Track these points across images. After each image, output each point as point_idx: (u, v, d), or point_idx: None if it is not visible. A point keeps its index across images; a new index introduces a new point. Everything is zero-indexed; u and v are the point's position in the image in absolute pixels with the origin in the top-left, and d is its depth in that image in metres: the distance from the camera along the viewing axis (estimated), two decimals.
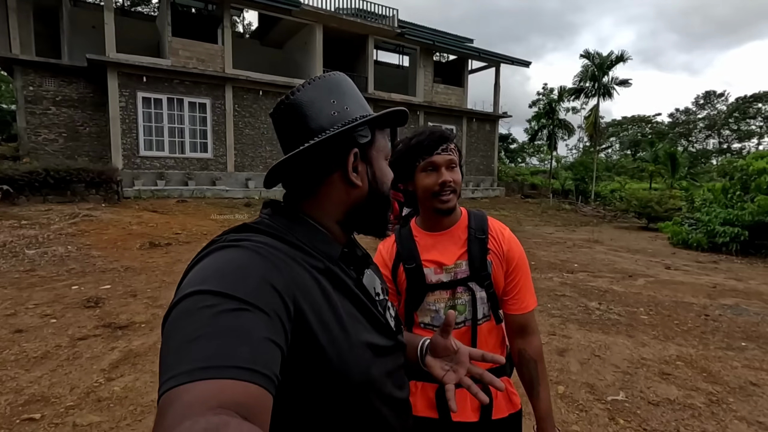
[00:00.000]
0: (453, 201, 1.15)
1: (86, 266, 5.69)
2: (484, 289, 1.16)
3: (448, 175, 1.13)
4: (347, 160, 0.66)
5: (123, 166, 12.38)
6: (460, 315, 1.15)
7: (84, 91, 13.38)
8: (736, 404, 2.79)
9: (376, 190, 0.70)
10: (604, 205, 19.67)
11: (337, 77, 0.71)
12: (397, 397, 0.70)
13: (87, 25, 14.84)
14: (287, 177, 0.70)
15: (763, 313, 4.86)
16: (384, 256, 1.23)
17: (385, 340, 0.69)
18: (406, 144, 1.18)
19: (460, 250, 1.17)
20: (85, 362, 3.07)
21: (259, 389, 0.42)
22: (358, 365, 0.61)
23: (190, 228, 8.55)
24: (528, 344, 1.18)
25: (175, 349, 0.44)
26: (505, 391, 1.18)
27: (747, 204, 9.42)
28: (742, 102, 39.70)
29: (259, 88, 14.79)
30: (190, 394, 0.39)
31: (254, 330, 0.46)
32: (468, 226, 1.20)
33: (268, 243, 0.59)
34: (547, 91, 27.08)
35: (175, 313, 0.48)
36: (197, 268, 0.54)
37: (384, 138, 0.74)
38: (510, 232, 1.25)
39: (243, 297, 0.48)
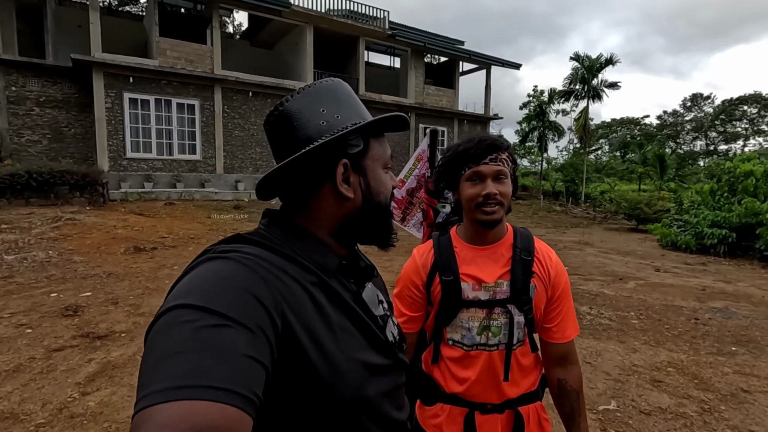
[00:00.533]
0: (498, 214, 1.07)
1: (67, 272, 5.52)
2: (523, 313, 1.09)
3: (493, 187, 1.05)
4: (335, 172, 0.63)
5: (109, 168, 12.15)
6: (494, 337, 1.09)
7: (69, 91, 13.12)
8: (728, 412, 2.76)
9: (370, 201, 0.67)
10: (594, 206, 19.80)
11: (330, 84, 0.68)
12: (394, 418, 0.66)
13: (72, 25, 14.57)
14: (279, 189, 0.67)
15: (752, 317, 4.87)
16: (419, 263, 1.16)
17: (383, 358, 0.65)
18: (454, 151, 1.11)
19: (502, 269, 1.10)
20: (60, 375, 2.95)
21: (237, 411, 0.40)
22: (350, 383, 0.58)
23: (177, 231, 8.39)
24: (569, 374, 1.13)
25: (152, 365, 0.42)
26: (538, 417, 1.13)
27: (734, 206, 9.50)
28: (728, 104, 40.36)
29: (249, 89, 14.64)
30: (163, 415, 0.37)
31: (235, 347, 0.44)
32: (513, 245, 1.12)
33: (257, 254, 0.56)
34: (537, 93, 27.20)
35: (156, 327, 0.46)
36: (184, 280, 0.52)
37: (381, 145, 0.69)
38: (557, 256, 1.18)
39: (225, 312, 0.46)
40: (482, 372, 1.08)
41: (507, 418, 1.10)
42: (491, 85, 21.15)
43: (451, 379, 1.11)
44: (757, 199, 9.05)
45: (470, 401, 1.09)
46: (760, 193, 9.29)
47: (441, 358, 1.14)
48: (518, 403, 1.10)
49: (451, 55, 20.16)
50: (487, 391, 1.09)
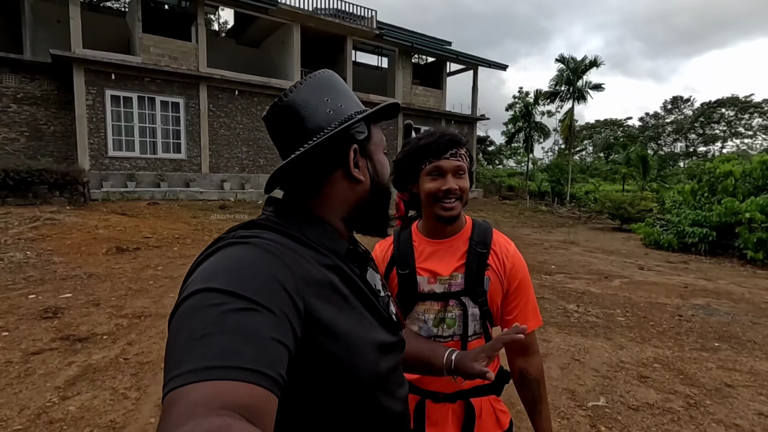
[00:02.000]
0: (457, 209, 1.08)
1: (46, 273, 5.36)
2: (478, 305, 1.10)
3: (453, 182, 1.07)
4: (348, 157, 0.66)
5: (90, 167, 11.86)
6: (448, 329, 1.10)
7: (48, 88, 12.77)
8: (713, 407, 2.80)
9: (378, 184, 0.71)
10: (579, 206, 20.09)
11: (327, 75, 0.70)
12: (398, 395, 0.70)
13: (51, 19, 14.19)
14: (289, 179, 0.69)
15: (732, 313, 4.98)
16: (378, 257, 1.18)
17: (390, 336, 0.69)
18: (414, 145, 1.11)
19: (457, 262, 1.11)
20: (38, 379, 2.84)
21: (264, 391, 0.42)
22: (367, 362, 0.61)
23: (162, 232, 8.22)
24: (530, 364, 1.14)
25: (180, 346, 0.44)
26: (493, 409, 1.14)
27: (714, 206, 9.73)
28: (707, 107, 41.41)
29: (235, 88, 14.45)
30: (195, 394, 0.39)
31: (261, 330, 0.46)
32: (470, 238, 1.13)
33: (277, 240, 0.58)
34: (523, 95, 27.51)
35: (182, 310, 0.47)
36: (205, 264, 0.54)
37: (379, 131, 0.73)
38: (515, 248, 1.18)
39: (251, 296, 0.48)
40: None
41: (458, 408, 1.11)
42: (478, 86, 21.31)
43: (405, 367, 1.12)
44: (736, 198, 9.28)
45: (422, 389, 1.11)
46: (738, 193, 9.53)
47: None
48: (471, 395, 1.11)
49: (439, 56, 20.23)
50: (440, 380, 1.08)
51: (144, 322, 3.93)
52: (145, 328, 3.80)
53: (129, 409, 2.54)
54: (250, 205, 12.86)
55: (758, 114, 39.82)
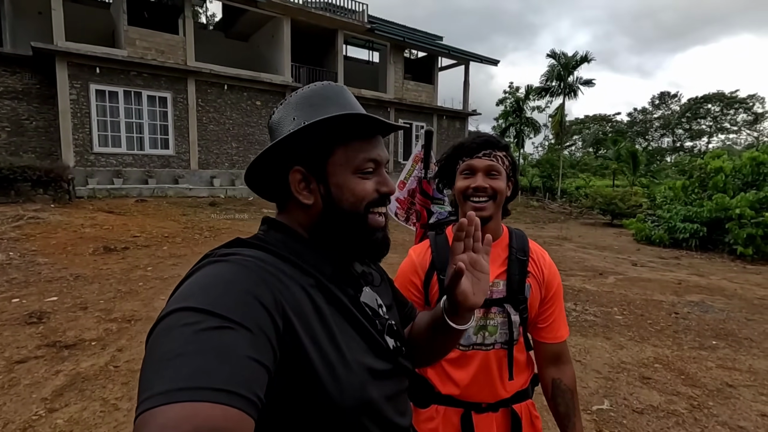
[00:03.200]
0: (488, 210, 1.06)
1: (30, 275, 5.17)
2: (519, 312, 1.10)
3: (483, 181, 1.05)
4: (289, 179, 0.64)
5: (75, 164, 11.54)
6: (490, 336, 1.09)
7: (30, 82, 12.38)
8: (716, 408, 2.79)
9: (332, 208, 0.65)
10: (570, 201, 20.23)
11: (310, 90, 0.67)
12: (397, 423, 0.66)
13: (32, 11, 13.72)
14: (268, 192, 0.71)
15: (727, 310, 5.01)
16: (416, 262, 1.15)
17: (384, 362, 0.65)
18: (452, 146, 1.13)
19: (499, 269, 1.10)
20: (23, 390, 2.71)
21: (238, 413, 0.41)
22: (352, 386, 0.58)
23: (150, 230, 8.03)
24: (563, 374, 1.14)
25: (153, 367, 0.43)
26: (530, 414, 1.15)
27: (705, 201, 9.83)
28: (694, 103, 41.96)
29: (224, 83, 14.19)
30: (164, 417, 0.38)
31: (236, 348, 0.44)
32: (509, 245, 1.13)
33: (257, 257, 0.57)
34: (513, 90, 27.54)
35: (157, 331, 0.47)
36: (186, 284, 0.53)
37: (349, 150, 0.65)
38: (550, 257, 1.20)
39: (226, 314, 0.47)
40: (478, 372, 1.08)
41: (502, 416, 1.11)
42: (469, 81, 21.25)
43: (446, 379, 1.11)
44: (727, 194, 9.39)
45: (465, 401, 1.09)
46: (729, 189, 9.64)
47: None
48: (512, 402, 1.12)
49: (430, 51, 20.11)
50: (483, 390, 1.09)
51: (134, 327, 3.80)
52: (136, 332, 3.68)
53: (120, 422, 2.43)
54: (240, 201, 12.67)
55: (743, 110, 40.48)
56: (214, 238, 7.91)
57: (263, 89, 15.13)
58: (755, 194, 8.92)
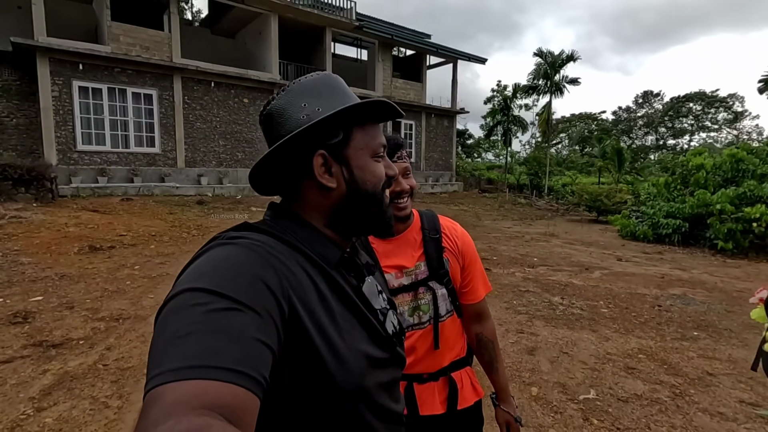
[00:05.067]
0: (409, 207, 1.17)
1: (13, 275, 5.07)
2: (444, 285, 1.19)
3: (405, 183, 1.13)
4: (313, 164, 0.64)
5: (58, 162, 11.31)
6: (424, 314, 1.18)
7: (9, 78, 12.08)
8: (698, 396, 2.88)
9: (356, 190, 0.67)
10: (556, 198, 20.49)
11: (313, 78, 0.69)
12: (392, 410, 0.69)
13: (11, 4, 13.38)
14: (274, 183, 0.70)
15: (708, 302, 5.16)
16: None
17: (382, 351, 0.67)
18: None
19: (417, 252, 1.19)
20: (10, 390, 2.68)
21: (246, 392, 0.42)
22: (352, 372, 0.59)
23: (137, 229, 7.92)
24: (484, 328, 1.27)
25: (163, 345, 0.43)
26: (470, 380, 1.26)
27: (687, 197, 10.06)
28: (676, 102, 42.77)
29: (211, 79, 14.02)
30: (175, 393, 0.39)
31: (244, 330, 0.46)
32: (421, 228, 1.22)
33: (265, 242, 0.58)
34: (501, 88, 27.75)
35: (167, 309, 0.47)
36: (194, 264, 0.54)
37: (366, 134, 0.69)
38: (461, 227, 1.29)
39: (235, 296, 0.48)
40: (418, 348, 1.18)
41: (442, 384, 1.21)
42: (457, 80, 21.35)
43: None
44: (708, 191, 9.62)
45: (408, 374, 1.18)
46: (710, 185, 9.88)
47: None
48: (450, 370, 1.22)
49: (419, 49, 20.14)
50: (422, 363, 1.18)
51: (122, 325, 3.76)
52: (124, 331, 3.64)
53: (111, 419, 2.42)
54: (228, 200, 12.56)
55: (723, 108, 41.42)
56: (201, 236, 7.84)
57: (251, 86, 15.00)
58: (735, 190, 9.16)
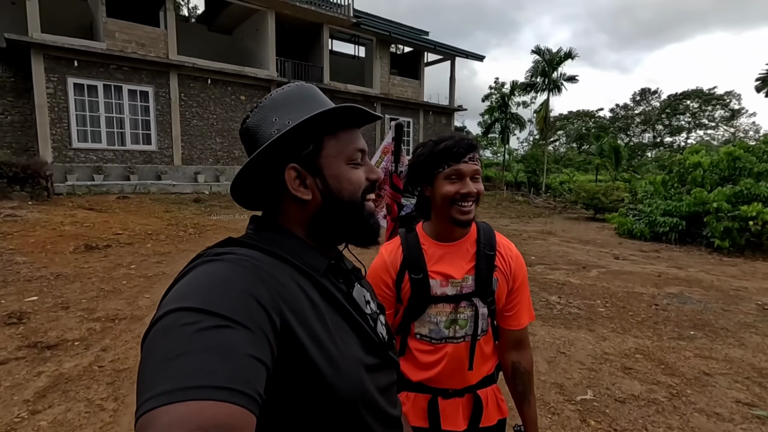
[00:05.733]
0: (473, 213, 1.11)
1: (8, 275, 5.03)
2: (487, 305, 1.15)
3: (472, 186, 1.09)
4: (285, 177, 0.64)
5: (53, 160, 11.24)
6: (461, 329, 1.14)
7: (3, 75, 11.98)
8: (694, 396, 2.89)
9: (332, 199, 0.66)
10: (554, 196, 20.52)
11: (286, 91, 0.68)
12: (390, 414, 0.68)
13: (5, 1, 13.25)
14: (254, 198, 0.70)
15: (704, 301, 5.17)
16: (387, 261, 1.18)
17: (376, 356, 0.67)
18: (431, 148, 1.12)
19: (468, 265, 1.15)
20: (5, 392, 2.65)
21: (241, 410, 0.41)
22: (350, 380, 0.59)
23: (133, 227, 7.88)
24: (523, 357, 1.21)
25: (153, 368, 0.43)
26: (495, 398, 1.22)
27: (684, 196, 10.09)
28: (673, 99, 42.90)
29: (208, 77, 13.95)
30: (169, 416, 0.38)
31: (237, 347, 0.45)
32: (477, 240, 1.17)
33: (252, 256, 0.58)
34: (498, 86, 27.74)
35: (155, 331, 0.47)
36: (180, 283, 0.53)
37: (339, 141, 0.67)
38: (515, 248, 1.23)
39: (225, 313, 0.47)
40: (448, 363, 1.14)
41: (467, 401, 1.17)
42: (455, 77, 21.31)
43: (417, 369, 1.16)
44: (705, 189, 9.64)
45: (433, 387, 1.15)
46: (707, 183, 9.90)
47: (408, 351, 1.18)
48: (477, 387, 1.18)
49: (417, 46, 20.08)
50: (451, 379, 1.15)
51: (118, 326, 3.74)
52: (120, 332, 3.62)
53: (106, 422, 2.40)
54: (225, 197, 12.51)
55: (720, 106, 41.55)
56: (199, 235, 7.81)
57: (248, 84, 14.93)
58: (732, 188, 9.19)
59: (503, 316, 1.19)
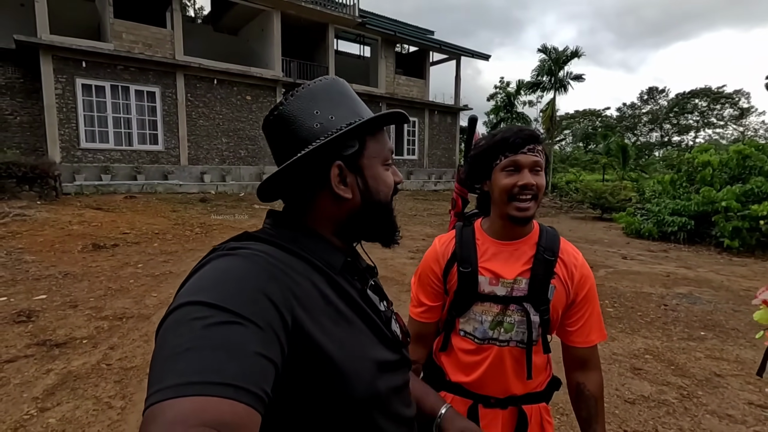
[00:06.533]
0: (532, 210, 1.03)
1: (17, 273, 5.08)
2: (539, 313, 1.06)
3: (531, 178, 1.01)
4: (330, 175, 0.63)
5: (61, 160, 11.34)
6: (505, 333, 1.08)
7: (12, 76, 12.10)
8: (706, 397, 2.85)
9: (369, 200, 0.67)
10: (560, 196, 20.39)
11: (323, 83, 0.68)
12: (404, 415, 0.68)
13: (14, 2, 13.39)
14: (281, 191, 0.69)
15: (714, 301, 5.10)
16: (439, 252, 1.14)
17: (391, 354, 0.67)
18: (489, 140, 1.07)
19: (523, 267, 1.07)
20: (14, 390, 2.67)
21: (246, 408, 0.41)
22: (363, 379, 0.58)
23: (140, 227, 7.93)
24: (589, 379, 1.11)
25: (163, 361, 0.43)
26: (541, 419, 1.12)
27: (693, 195, 9.97)
28: (681, 98, 42.46)
29: (214, 77, 14.01)
30: (174, 410, 0.38)
31: (246, 344, 0.45)
32: (538, 243, 1.09)
33: (267, 252, 0.57)
34: (504, 85, 27.62)
35: (167, 324, 0.47)
36: (194, 277, 0.53)
37: (378, 142, 0.68)
38: (583, 258, 1.14)
39: (236, 309, 0.47)
40: (491, 366, 1.07)
41: (509, 414, 1.09)
42: (460, 76, 21.26)
43: (458, 368, 1.12)
44: (714, 188, 9.52)
45: (474, 392, 1.09)
46: (716, 183, 9.78)
47: (451, 348, 1.14)
48: (522, 401, 1.10)
49: (422, 45, 20.05)
50: (492, 385, 1.08)
51: (126, 324, 3.76)
52: (128, 330, 3.64)
53: (114, 420, 2.41)
54: (231, 197, 12.56)
55: (729, 105, 41.08)
56: (205, 234, 7.84)
57: (253, 84, 14.98)
58: (741, 187, 9.06)
59: (566, 330, 1.11)
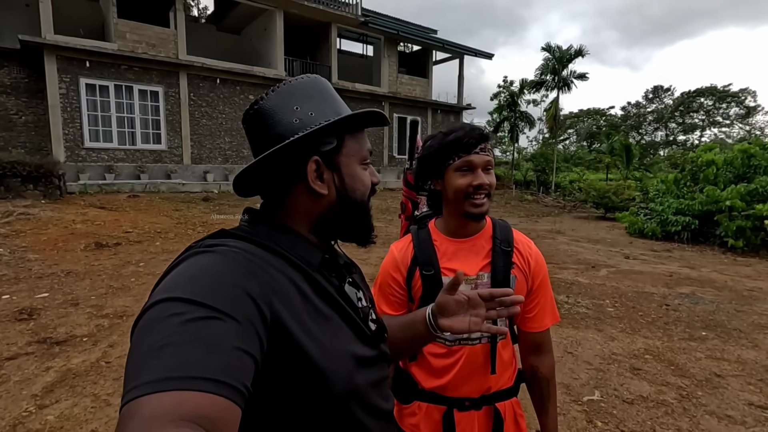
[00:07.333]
0: (486, 206, 1.06)
1: (20, 271, 5.12)
2: None
3: (485, 178, 1.04)
4: (307, 170, 0.64)
5: (65, 159, 11.41)
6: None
7: (17, 75, 12.18)
8: (705, 398, 2.83)
9: (346, 198, 0.67)
10: (563, 195, 20.29)
11: (305, 81, 0.68)
12: (382, 408, 0.69)
13: (19, 2, 13.47)
14: (257, 186, 0.69)
15: (717, 301, 5.07)
16: (398, 258, 1.14)
17: (369, 349, 0.67)
18: (440, 140, 1.07)
19: (483, 261, 1.09)
20: (13, 387, 2.70)
21: (226, 401, 0.41)
22: (341, 374, 0.59)
23: (143, 226, 7.97)
24: (542, 362, 1.15)
25: (140, 357, 0.42)
26: (514, 413, 1.14)
27: (696, 194, 9.90)
28: (687, 97, 42.12)
29: (216, 76, 14.04)
30: (152, 406, 0.38)
31: (224, 339, 0.45)
32: (493, 236, 1.11)
33: (244, 248, 0.57)
34: (507, 84, 27.51)
35: (144, 321, 0.46)
36: (171, 274, 0.53)
37: (357, 141, 0.69)
38: (536, 246, 1.18)
39: (213, 305, 0.47)
40: (464, 366, 1.08)
41: (485, 414, 1.10)
42: (464, 75, 21.19)
43: (430, 374, 1.11)
44: (718, 187, 9.45)
45: (448, 397, 1.09)
46: (720, 182, 9.70)
47: (421, 355, 1.13)
48: (495, 399, 1.11)
49: (425, 44, 20.01)
50: (467, 385, 1.08)
51: (126, 323, 3.78)
52: (128, 329, 3.65)
53: (112, 417, 2.43)
54: (234, 196, 12.59)
55: (735, 103, 40.72)
56: (207, 233, 7.84)
57: (256, 83, 15.00)
58: (746, 186, 8.98)
59: (523, 317, 1.13)
